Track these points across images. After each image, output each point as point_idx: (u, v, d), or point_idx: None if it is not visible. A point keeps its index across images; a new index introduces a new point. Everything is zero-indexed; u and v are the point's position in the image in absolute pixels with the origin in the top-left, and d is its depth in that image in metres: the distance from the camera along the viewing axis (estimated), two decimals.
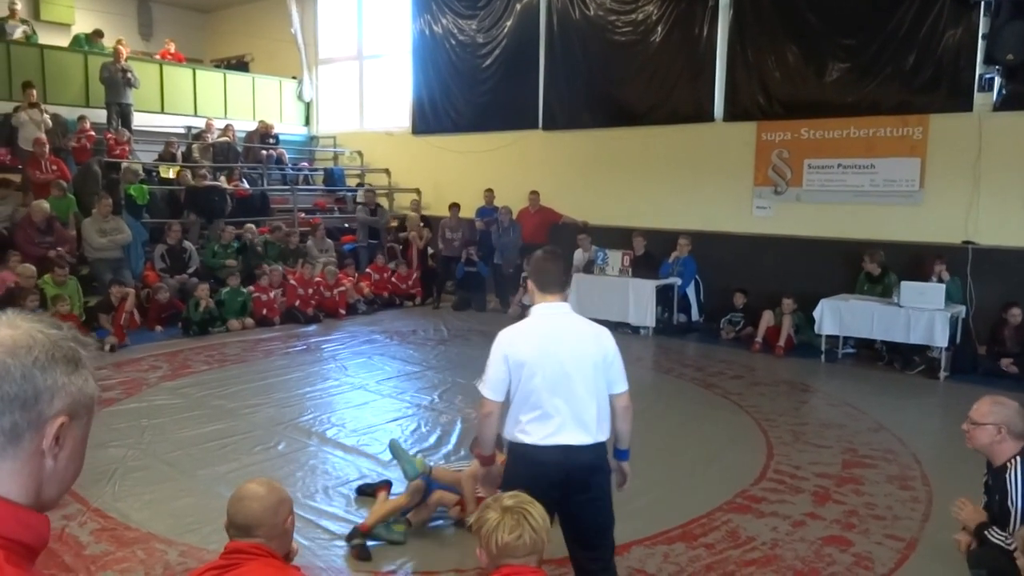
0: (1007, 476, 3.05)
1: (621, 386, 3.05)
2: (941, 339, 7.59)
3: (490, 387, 2.87)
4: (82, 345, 1.08)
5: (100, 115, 12.08)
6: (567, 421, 2.83)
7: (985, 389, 7.30)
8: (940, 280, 8.10)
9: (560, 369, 2.84)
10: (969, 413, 3.19)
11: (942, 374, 7.71)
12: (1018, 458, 3.04)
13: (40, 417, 1.00)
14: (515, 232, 11.49)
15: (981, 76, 8.48)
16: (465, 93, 13.15)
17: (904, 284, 7.94)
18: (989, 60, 8.29)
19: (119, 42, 12.26)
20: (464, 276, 11.70)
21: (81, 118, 11.61)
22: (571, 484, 2.84)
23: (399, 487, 4.46)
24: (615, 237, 10.71)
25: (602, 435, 2.93)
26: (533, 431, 2.84)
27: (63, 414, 1.02)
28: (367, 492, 4.62)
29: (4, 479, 0.99)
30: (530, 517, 1.97)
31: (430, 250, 12.64)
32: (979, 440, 3.14)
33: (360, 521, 4.16)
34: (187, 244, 10.50)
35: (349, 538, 4.04)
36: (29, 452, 1.00)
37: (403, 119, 14.30)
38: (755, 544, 4.12)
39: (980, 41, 8.39)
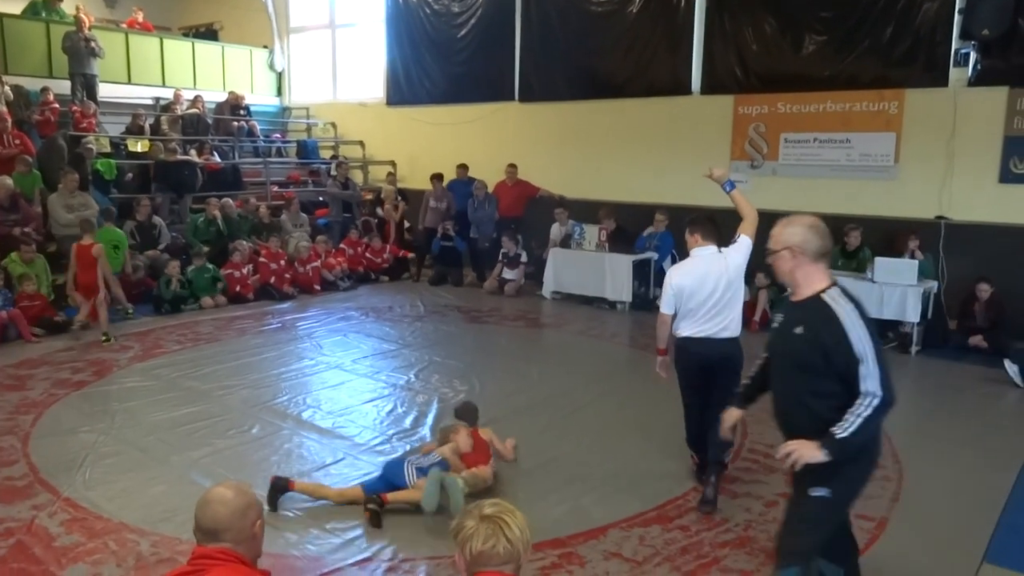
0: (838, 319, 2.67)
1: (742, 246, 4.53)
2: (913, 315, 7.68)
3: (664, 304, 4.46)
4: None
5: (64, 86, 11.74)
6: (709, 323, 4.36)
7: (955, 364, 7.46)
8: (913, 257, 8.17)
9: (706, 291, 4.34)
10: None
11: (913, 349, 7.81)
12: (835, 291, 2.76)
13: None
14: (491, 206, 11.40)
15: (957, 51, 8.48)
16: (440, 63, 12.95)
17: (878, 260, 8.00)
18: (965, 35, 8.30)
19: (78, 9, 11.86)
20: (441, 251, 11.62)
21: (44, 89, 11.28)
22: (712, 363, 4.38)
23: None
24: (592, 211, 10.66)
25: (732, 333, 4.40)
26: (688, 330, 4.41)
27: None
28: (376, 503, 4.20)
29: None
30: (506, 528, 1.93)
31: (406, 223, 12.51)
32: (780, 269, 2.91)
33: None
34: (157, 220, 10.30)
35: (367, 502, 4.11)
36: None
37: (377, 90, 14.07)
38: (729, 526, 4.16)
39: (956, 16, 8.38)
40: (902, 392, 7.36)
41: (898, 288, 7.72)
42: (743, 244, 4.46)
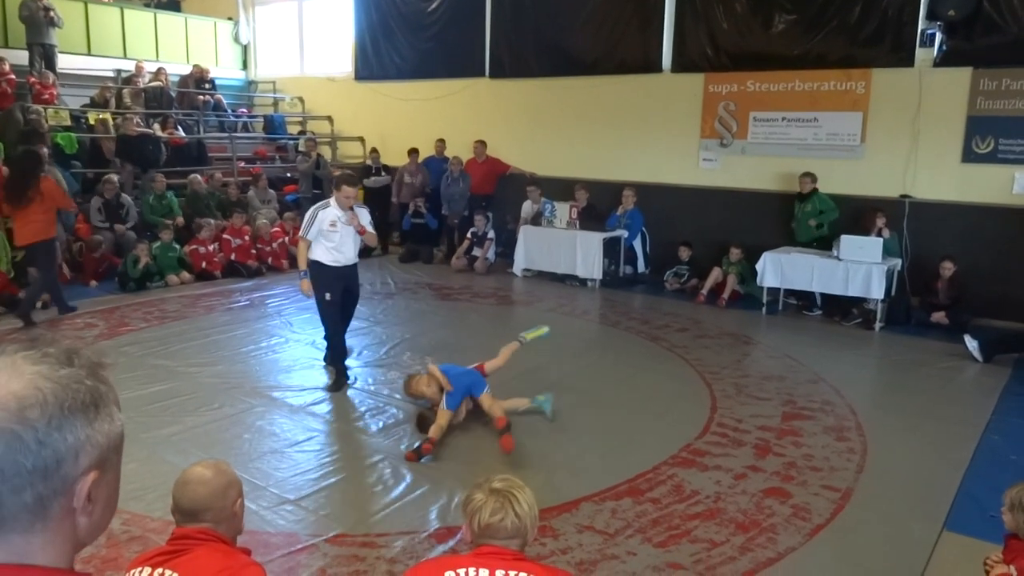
0: None
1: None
2: (877, 292, 7.83)
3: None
4: (99, 377, 0.93)
5: (21, 56, 11.38)
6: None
7: (917, 340, 7.63)
8: (880, 235, 8.31)
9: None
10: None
11: (877, 325, 7.97)
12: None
13: (66, 481, 0.87)
14: (465, 183, 11.34)
15: (923, 32, 8.59)
16: (409, 38, 12.78)
17: (843, 238, 8.12)
18: (931, 16, 8.40)
19: None
20: (412, 228, 11.55)
21: None
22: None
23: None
24: (562, 188, 10.68)
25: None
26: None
27: (92, 469, 0.90)
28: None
29: (38, 550, 0.87)
30: (515, 503, 1.95)
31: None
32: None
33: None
34: (125, 198, 10.06)
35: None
36: (60, 518, 0.88)
37: (345, 64, 13.85)
38: (699, 498, 4.24)
39: None
40: (866, 366, 7.56)
41: (863, 266, 7.86)
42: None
